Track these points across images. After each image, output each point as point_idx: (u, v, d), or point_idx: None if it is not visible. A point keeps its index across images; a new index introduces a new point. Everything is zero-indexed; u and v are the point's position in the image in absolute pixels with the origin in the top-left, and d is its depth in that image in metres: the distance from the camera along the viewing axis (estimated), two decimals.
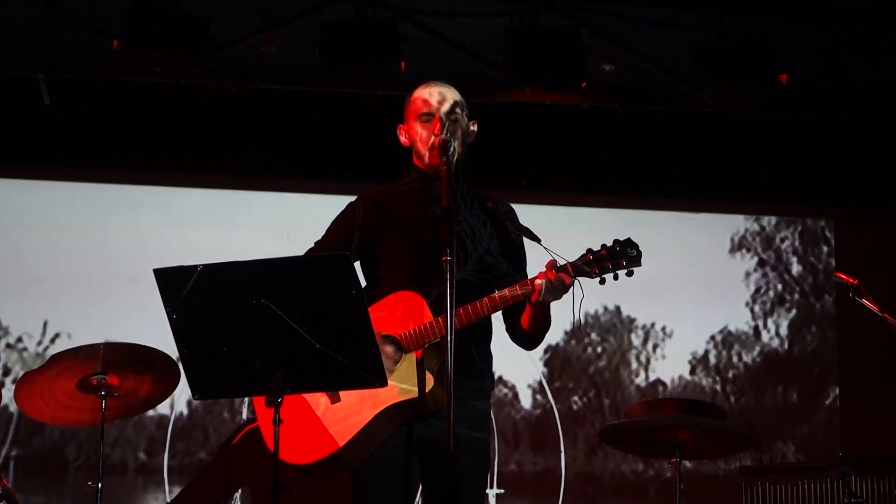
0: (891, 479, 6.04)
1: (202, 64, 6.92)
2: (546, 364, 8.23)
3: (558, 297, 3.81)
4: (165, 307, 3.54)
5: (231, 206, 8.03)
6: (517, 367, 8.05)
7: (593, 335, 8.33)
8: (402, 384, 3.81)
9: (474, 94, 5.56)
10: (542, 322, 3.95)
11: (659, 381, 8.34)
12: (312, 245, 4.11)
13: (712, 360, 8.42)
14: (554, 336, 8.19)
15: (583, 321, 8.14)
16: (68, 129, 7.86)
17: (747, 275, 8.55)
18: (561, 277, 3.77)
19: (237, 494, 5.76)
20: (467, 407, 3.85)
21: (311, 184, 8.04)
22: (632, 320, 8.38)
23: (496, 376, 7.91)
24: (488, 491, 7.80)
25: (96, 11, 6.83)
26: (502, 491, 7.87)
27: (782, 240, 8.64)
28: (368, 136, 7.24)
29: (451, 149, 3.87)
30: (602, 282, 3.82)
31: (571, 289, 3.80)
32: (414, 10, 7.04)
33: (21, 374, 5.75)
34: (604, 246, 3.82)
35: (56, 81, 7.67)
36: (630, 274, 3.82)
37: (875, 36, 7.25)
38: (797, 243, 8.67)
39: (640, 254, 3.81)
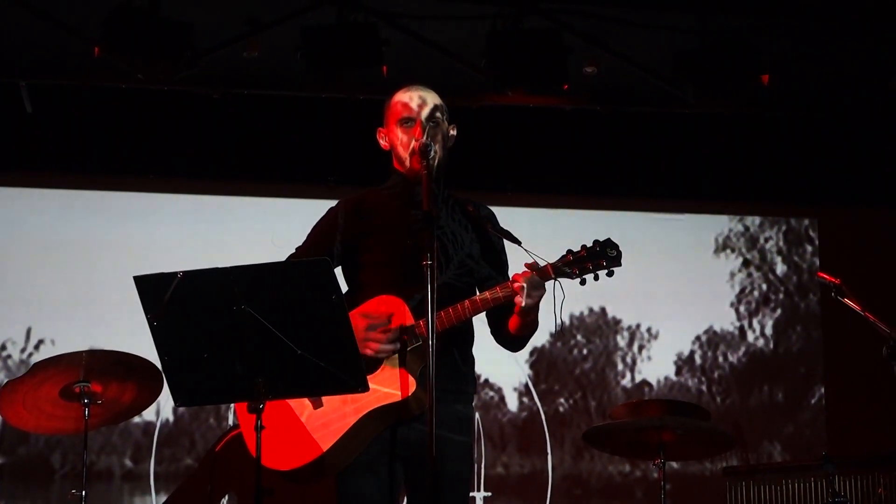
0: (874, 477, 6.07)
1: (184, 70, 6.90)
2: (532, 366, 8.23)
3: (538, 296, 3.81)
4: (146, 314, 3.54)
5: (215, 212, 8.01)
6: (503, 370, 8.05)
7: (579, 337, 8.33)
8: (384, 388, 3.81)
9: (457, 98, 5.57)
10: (531, 326, 3.97)
11: (645, 383, 8.35)
12: (294, 251, 4.12)
13: (698, 360, 8.43)
14: (539, 338, 8.19)
15: (566, 322, 8.26)
16: (50, 136, 7.83)
17: (732, 275, 8.56)
18: (538, 277, 3.79)
19: (223, 501, 5.74)
20: (450, 410, 3.86)
21: (294, 188, 8.03)
22: (617, 322, 8.38)
23: (482, 379, 8.02)
24: (476, 494, 7.80)
25: (77, 18, 6.81)
26: (489, 494, 7.88)
27: (766, 240, 8.66)
28: (352, 141, 7.24)
29: (432, 153, 3.88)
30: (583, 282, 3.85)
31: (553, 290, 3.81)
32: (396, 14, 7.04)
33: (5, 381, 5.73)
34: (584, 247, 3.85)
35: (38, 88, 7.65)
36: (610, 274, 3.84)
37: (857, 34, 7.26)
38: (781, 243, 8.69)
39: (619, 254, 3.84)
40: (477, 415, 7.54)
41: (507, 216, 4.27)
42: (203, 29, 6.82)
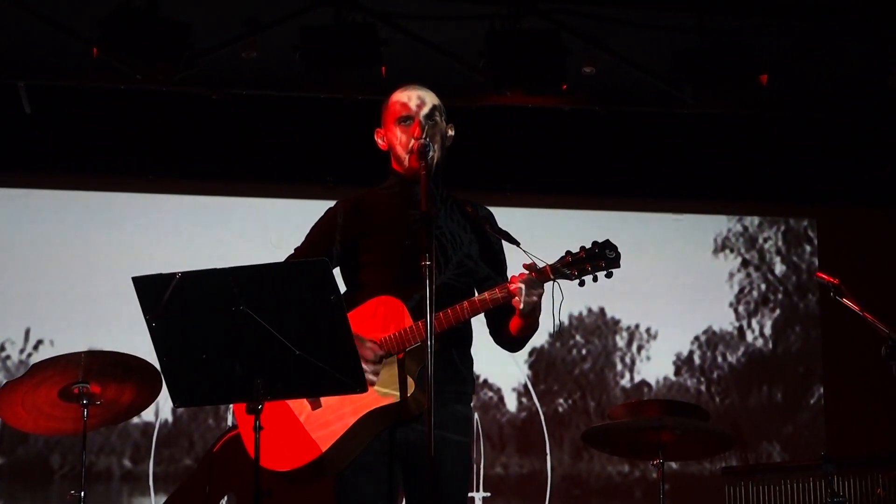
0: (873, 477, 6.06)
1: (183, 70, 6.90)
2: (531, 367, 8.23)
3: (537, 296, 3.81)
4: (145, 315, 3.54)
5: (214, 213, 8.01)
6: (502, 371, 8.05)
7: (578, 337, 8.33)
8: (383, 389, 3.81)
9: (456, 98, 5.58)
10: (532, 327, 3.97)
11: (644, 383, 8.34)
12: (293, 251, 4.12)
13: (697, 360, 8.42)
14: (538, 339, 8.16)
15: (565, 323, 8.26)
16: (50, 137, 7.83)
17: (731, 275, 8.56)
18: (537, 278, 3.79)
19: (222, 502, 5.74)
20: (448, 410, 3.86)
21: (293, 189, 8.03)
22: (616, 322, 8.38)
23: (481, 379, 8.02)
24: (475, 494, 7.80)
25: (76, 18, 6.81)
26: (489, 494, 7.87)
27: (765, 240, 8.66)
28: (350, 141, 7.24)
29: (431, 153, 3.88)
30: (581, 283, 3.85)
31: (552, 291, 3.82)
32: (394, 14, 7.04)
33: (4, 382, 5.73)
34: (582, 248, 3.85)
35: (36, 89, 7.65)
36: (609, 275, 3.84)
37: (856, 34, 7.26)
38: (780, 243, 8.69)
39: (618, 255, 3.84)
40: (476, 415, 7.54)
41: (507, 216, 4.27)
42: (202, 29, 6.82)
